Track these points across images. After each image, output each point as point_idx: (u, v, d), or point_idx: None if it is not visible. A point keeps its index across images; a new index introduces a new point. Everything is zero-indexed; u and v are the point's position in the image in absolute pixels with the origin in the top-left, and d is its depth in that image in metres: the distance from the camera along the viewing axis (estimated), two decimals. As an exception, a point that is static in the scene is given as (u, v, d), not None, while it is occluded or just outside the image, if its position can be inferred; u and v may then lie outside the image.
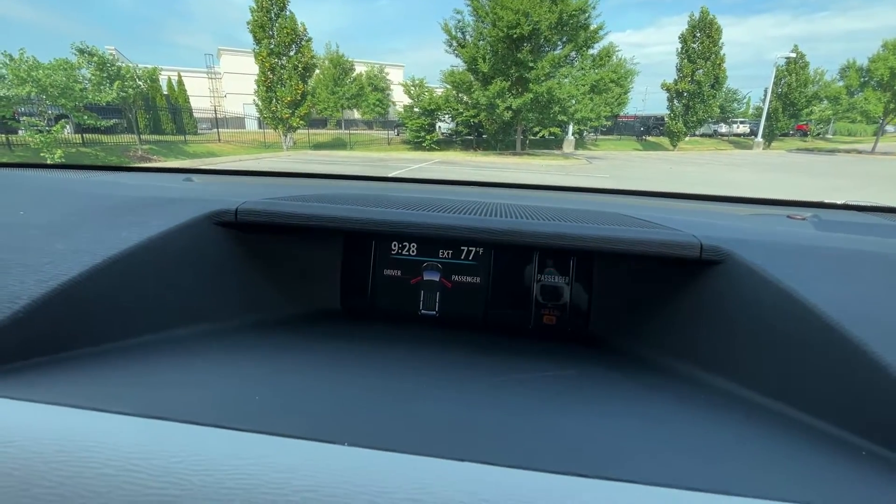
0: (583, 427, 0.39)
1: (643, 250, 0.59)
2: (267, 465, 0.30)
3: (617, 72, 23.79)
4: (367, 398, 0.42)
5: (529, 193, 1.48)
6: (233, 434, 0.33)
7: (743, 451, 0.37)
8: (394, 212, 0.66)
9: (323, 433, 0.34)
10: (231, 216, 0.63)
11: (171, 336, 0.52)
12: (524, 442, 0.36)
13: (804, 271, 0.51)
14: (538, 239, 0.61)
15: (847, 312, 0.43)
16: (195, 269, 0.59)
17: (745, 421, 0.42)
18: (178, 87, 21.85)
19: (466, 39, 19.35)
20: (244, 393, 0.41)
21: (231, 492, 0.28)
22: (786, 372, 0.45)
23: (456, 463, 0.31)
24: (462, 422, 0.39)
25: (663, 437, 0.39)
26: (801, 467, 0.35)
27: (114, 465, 0.29)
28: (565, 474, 0.31)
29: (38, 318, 0.42)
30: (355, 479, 0.29)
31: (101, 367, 0.43)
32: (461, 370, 0.52)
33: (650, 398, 0.48)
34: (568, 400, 0.46)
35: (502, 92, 17.96)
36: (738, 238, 0.60)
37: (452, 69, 19.96)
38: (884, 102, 25.05)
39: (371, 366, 0.52)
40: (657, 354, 0.60)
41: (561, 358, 0.61)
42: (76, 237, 0.54)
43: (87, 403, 0.35)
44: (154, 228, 0.56)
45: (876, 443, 0.36)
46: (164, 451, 0.30)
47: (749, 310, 0.51)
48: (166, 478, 0.28)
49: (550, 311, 0.77)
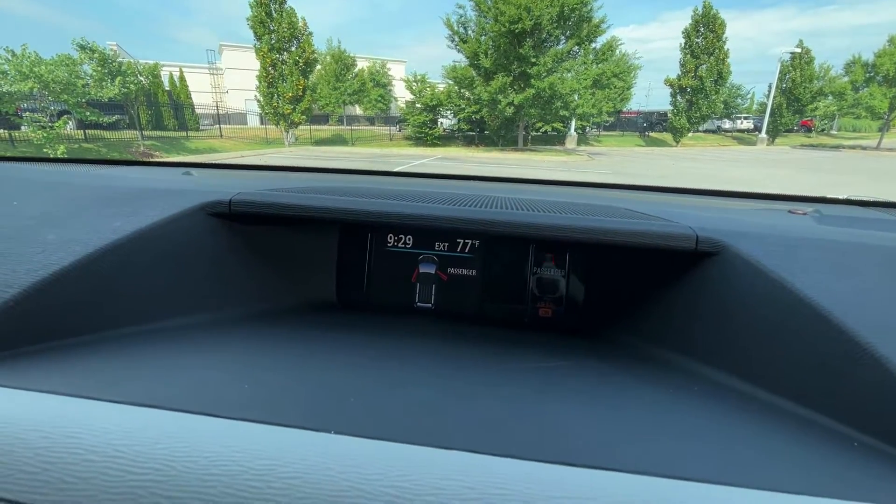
0: (571, 417, 0.39)
1: (639, 242, 0.59)
2: (252, 452, 0.30)
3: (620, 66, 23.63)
4: (357, 388, 0.42)
5: (527, 188, 1.47)
6: (219, 422, 0.33)
7: (733, 442, 0.37)
8: (388, 202, 0.65)
9: (310, 421, 0.34)
10: (225, 207, 0.63)
11: (163, 326, 0.52)
12: (510, 431, 0.36)
13: (799, 263, 0.51)
14: (532, 230, 0.61)
15: (841, 304, 0.43)
16: (188, 260, 0.59)
17: (737, 412, 0.42)
18: (179, 83, 21.85)
19: (468, 34, 19.25)
20: (233, 382, 0.41)
21: (214, 478, 0.28)
22: (779, 363, 0.45)
23: (441, 451, 0.31)
24: (449, 411, 0.39)
25: (652, 427, 0.39)
26: (792, 457, 0.35)
27: (98, 452, 0.29)
28: (551, 463, 0.31)
29: (29, 308, 0.42)
30: (339, 466, 0.29)
31: (92, 355, 0.43)
32: (454, 362, 0.52)
33: (641, 389, 0.48)
34: (558, 390, 0.46)
35: (504, 87, 17.88)
36: (734, 230, 0.59)
37: (454, 64, 19.89)
38: (889, 98, 24.84)
39: (363, 356, 0.52)
40: (653, 346, 0.60)
41: (555, 350, 0.61)
42: (69, 228, 0.53)
43: (76, 392, 0.35)
44: (147, 219, 0.56)
45: (867, 433, 0.36)
46: (149, 438, 0.30)
47: (744, 301, 0.51)
48: (149, 464, 0.28)
49: (546, 304, 0.76)
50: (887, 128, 26.77)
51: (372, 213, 0.63)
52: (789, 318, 0.45)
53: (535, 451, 0.32)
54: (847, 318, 0.41)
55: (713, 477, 0.31)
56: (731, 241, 0.56)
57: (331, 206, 0.64)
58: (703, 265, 0.58)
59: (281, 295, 0.71)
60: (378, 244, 0.79)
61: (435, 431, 0.34)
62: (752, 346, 0.48)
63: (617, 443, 0.35)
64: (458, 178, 1.56)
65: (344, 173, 1.64)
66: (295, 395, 0.40)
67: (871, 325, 0.40)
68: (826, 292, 0.45)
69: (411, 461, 0.30)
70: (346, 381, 0.43)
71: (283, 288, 0.72)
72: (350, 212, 0.63)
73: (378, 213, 0.63)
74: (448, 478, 0.29)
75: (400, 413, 0.37)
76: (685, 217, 0.67)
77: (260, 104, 18.84)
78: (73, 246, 0.49)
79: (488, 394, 0.43)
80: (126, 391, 0.36)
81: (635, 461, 0.32)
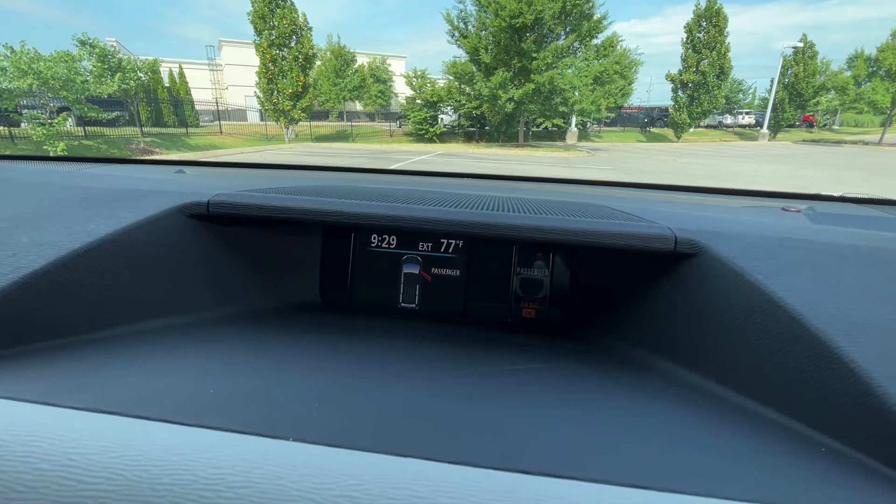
0: (537, 423, 0.39)
1: (617, 243, 0.58)
2: (205, 460, 0.29)
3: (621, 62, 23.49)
4: (325, 393, 0.42)
5: (518, 185, 1.47)
6: (177, 429, 0.33)
7: (701, 449, 0.36)
8: (369, 204, 0.65)
9: (270, 428, 0.33)
10: (203, 208, 0.63)
11: (137, 329, 0.52)
12: (471, 437, 0.35)
13: (776, 264, 0.51)
14: (511, 231, 0.60)
15: (814, 306, 0.43)
16: (164, 263, 0.58)
17: (709, 417, 0.42)
18: (179, 79, 21.82)
19: (469, 30, 19.15)
20: (199, 387, 0.40)
21: (165, 487, 0.27)
22: (754, 366, 0.44)
23: (396, 458, 0.31)
24: (413, 417, 0.38)
25: (621, 433, 0.38)
26: (760, 464, 0.34)
27: (51, 461, 0.28)
28: (508, 471, 0.31)
29: None
30: (292, 475, 0.28)
31: (61, 360, 0.42)
32: (428, 365, 0.52)
33: (617, 394, 0.47)
34: (529, 395, 0.45)
35: (504, 83, 17.81)
36: (714, 231, 0.59)
37: (455, 60, 19.79)
38: (892, 93, 24.69)
39: (337, 360, 0.52)
40: (634, 348, 0.60)
41: (536, 352, 0.61)
42: (43, 230, 0.53)
43: (39, 398, 0.35)
44: (123, 221, 0.56)
45: (835, 438, 0.36)
46: (104, 447, 0.30)
47: (720, 303, 0.50)
48: (102, 473, 0.28)
49: (530, 305, 0.76)
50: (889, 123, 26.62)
51: (352, 214, 0.63)
52: (764, 321, 0.45)
53: (495, 458, 0.32)
54: (819, 321, 0.41)
55: (680, 486, 0.30)
56: (709, 242, 0.56)
57: (310, 208, 0.63)
58: (683, 266, 0.57)
59: (263, 296, 0.71)
60: (362, 244, 0.79)
61: (394, 438, 0.34)
62: (729, 348, 0.48)
63: (580, 450, 0.35)
64: (453, 175, 1.56)
65: (339, 171, 1.63)
66: (260, 400, 0.39)
67: (841, 328, 0.40)
68: (800, 294, 0.45)
69: (365, 469, 0.30)
70: (314, 386, 0.43)
71: (265, 289, 0.72)
72: (330, 213, 0.63)
73: (358, 215, 0.63)
74: (401, 486, 0.28)
75: (362, 419, 0.37)
76: (668, 217, 0.67)
77: (260, 100, 18.79)
78: (45, 249, 0.48)
79: (456, 398, 0.43)
80: (87, 397, 0.35)
81: (598, 469, 0.32)
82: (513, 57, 17.83)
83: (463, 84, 20.36)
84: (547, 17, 16.69)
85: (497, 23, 17.17)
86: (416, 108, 22.07)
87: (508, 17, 16.76)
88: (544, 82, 17.06)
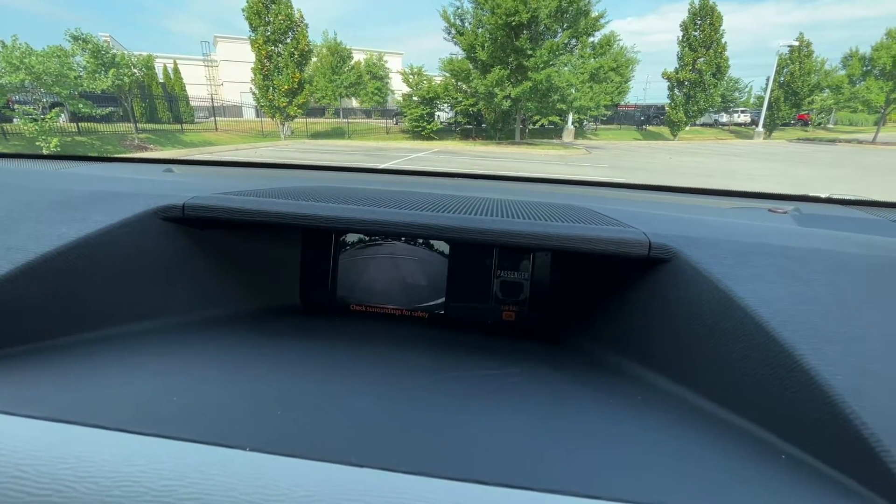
0: (498, 430, 0.38)
1: (592, 248, 0.58)
2: (157, 471, 0.28)
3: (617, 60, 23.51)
4: (289, 399, 0.41)
5: (508, 185, 1.46)
6: (134, 438, 0.32)
7: (665, 453, 0.36)
8: (348, 208, 0.65)
9: (227, 438, 0.32)
10: (178, 211, 0.62)
11: (106, 334, 0.51)
12: (428, 446, 0.35)
13: (747, 270, 0.51)
14: (487, 236, 0.60)
15: (781, 314, 0.43)
16: (137, 267, 0.58)
17: (676, 423, 0.42)
18: (174, 75, 21.65)
19: (465, 27, 19.14)
20: (161, 394, 0.40)
21: (115, 499, 0.27)
22: (723, 373, 0.44)
23: (351, 469, 0.31)
24: (371, 425, 0.38)
25: (584, 440, 0.38)
26: (724, 470, 0.34)
27: (1, 472, 0.28)
28: (463, 481, 0.30)
29: None
30: (245, 486, 0.28)
31: (23, 368, 0.42)
32: (401, 369, 0.52)
33: (588, 400, 0.47)
34: (496, 402, 0.45)
35: (501, 80, 17.80)
36: (689, 235, 0.59)
37: (451, 57, 19.77)
38: (886, 92, 24.81)
39: (307, 365, 0.51)
40: (611, 353, 0.60)
41: (513, 356, 0.61)
42: (12, 233, 0.53)
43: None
44: (96, 224, 0.55)
45: (795, 445, 0.36)
46: (56, 457, 0.29)
47: (692, 309, 0.50)
48: (52, 484, 0.27)
49: (510, 308, 0.76)
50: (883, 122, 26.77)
51: (328, 218, 0.63)
52: (732, 327, 0.45)
53: (452, 468, 0.31)
54: (784, 328, 0.41)
55: (626, 493, 0.30)
56: (682, 247, 0.56)
57: (286, 212, 0.63)
58: (658, 271, 0.57)
59: (241, 299, 0.70)
60: (343, 246, 0.79)
61: (351, 447, 0.33)
62: (697, 354, 0.48)
63: (534, 459, 0.34)
64: (440, 175, 1.55)
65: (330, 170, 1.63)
66: (221, 408, 0.38)
67: (806, 335, 0.40)
68: (768, 301, 0.45)
69: (317, 479, 0.29)
70: (279, 393, 0.42)
71: (244, 292, 0.71)
72: (306, 217, 0.63)
73: (334, 219, 0.63)
74: (353, 498, 0.28)
75: (321, 428, 0.36)
76: (647, 221, 0.67)
77: (255, 97, 18.69)
78: (13, 253, 0.48)
79: (421, 406, 0.43)
80: (45, 406, 0.35)
81: (550, 479, 0.31)
82: (509, 54, 17.82)
83: (460, 81, 20.34)
84: (543, 15, 16.68)
85: (493, 20, 17.16)
86: (412, 105, 22.03)
87: (504, 14, 16.75)
88: (541, 80, 17.05)
